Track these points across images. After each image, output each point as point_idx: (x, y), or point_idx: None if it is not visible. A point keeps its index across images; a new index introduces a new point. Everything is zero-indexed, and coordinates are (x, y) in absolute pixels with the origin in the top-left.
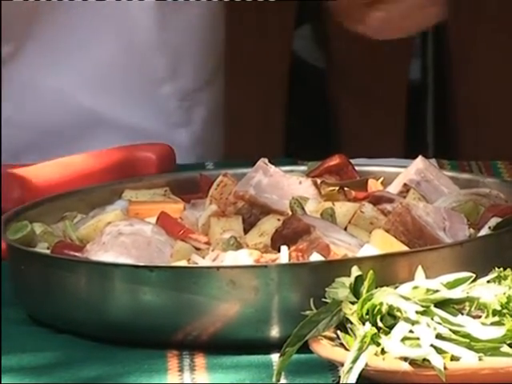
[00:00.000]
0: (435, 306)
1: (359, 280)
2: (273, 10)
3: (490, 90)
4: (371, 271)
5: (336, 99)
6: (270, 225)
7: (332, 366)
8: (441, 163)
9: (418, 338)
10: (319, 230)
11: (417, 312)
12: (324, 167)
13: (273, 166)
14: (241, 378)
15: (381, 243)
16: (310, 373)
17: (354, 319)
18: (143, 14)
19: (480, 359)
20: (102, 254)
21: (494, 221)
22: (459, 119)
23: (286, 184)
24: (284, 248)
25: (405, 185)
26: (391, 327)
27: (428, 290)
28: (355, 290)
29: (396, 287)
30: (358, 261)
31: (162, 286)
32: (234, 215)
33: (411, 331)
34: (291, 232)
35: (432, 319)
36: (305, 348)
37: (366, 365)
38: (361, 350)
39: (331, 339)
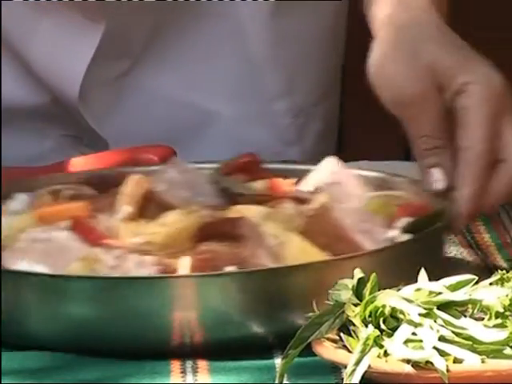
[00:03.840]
0: (438, 308)
1: (362, 282)
2: None
3: None
4: (374, 273)
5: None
6: (171, 217)
7: (335, 368)
8: None
9: (420, 341)
10: (250, 241)
11: (420, 314)
12: (234, 165)
13: (186, 163)
14: (243, 380)
15: (297, 251)
16: (313, 375)
17: (357, 321)
18: (259, 29)
19: (483, 361)
20: (18, 261)
21: (404, 221)
22: None
23: (197, 182)
24: (185, 259)
25: (316, 188)
26: (394, 329)
27: (431, 293)
28: (358, 292)
29: (399, 289)
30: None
31: (78, 295)
32: (143, 219)
33: (414, 333)
34: (220, 231)
35: (435, 321)
36: (308, 350)
37: (369, 367)
38: (364, 352)
39: (334, 341)
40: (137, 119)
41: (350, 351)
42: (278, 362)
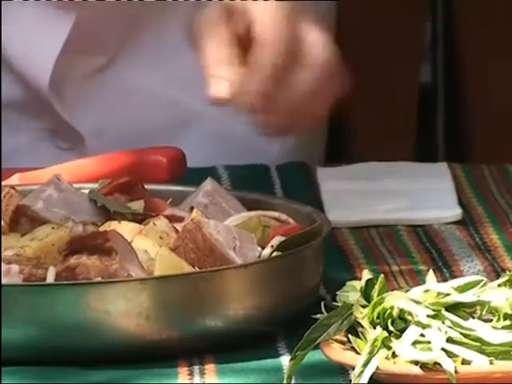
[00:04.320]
0: (446, 309)
1: (370, 283)
2: None
3: (501, 92)
4: (382, 275)
5: (347, 101)
6: (43, 231)
7: (343, 370)
8: (452, 167)
9: (429, 342)
10: (120, 255)
11: (428, 316)
12: (114, 185)
13: (65, 182)
14: (250, 381)
15: (167, 266)
16: (321, 376)
17: (365, 323)
18: None
19: (491, 363)
20: None
21: (276, 240)
22: (470, 122)
23: (75, 200)
24: (52, 268)
25: (191, 208)
26: (402, 331)
27: (439, 294)
28: (366, 293)
29: (407, 291)
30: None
31: None
32: (13, 233)
33: (422, 335)
34: (90, 244)
35: (443, 323)
36: (316, 351)
37: (377, 368)
38: (372, 354)
39: (342, 343)
40: (114, 115)
41: (357, 353)
42: (285, 363)
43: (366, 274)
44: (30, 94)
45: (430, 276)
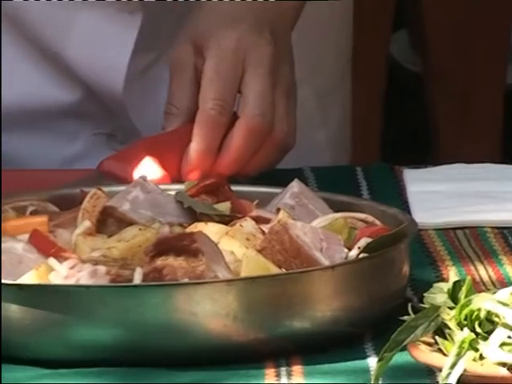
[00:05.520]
0: None
1: (457, 285)
2: (370, 15)
3: None
4: (469, 277)
5: (433, 103)
6: (129, 232)
7: (430, 372)
8: None
9: None
10: (207, 257)
11: None
12: (200, 186)
13: (151, 183)
14: (338, 382)
15: (253, 267)
16: (408, 378)
17: (452, 324)
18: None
19: None
20: None
21: (363, 241)
22: None
23: (162, 202)
24: (138, 270)
25: (278, 209)
26: (489, 333)
27: None
28: (453, 295)
29: (494, 293)
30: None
31: (31, 305)
32: (99, 234)
33: (509, 337)
34: (177, 246)
35: None
36: (403, 353)
37: (465, 370)
38: (459, 356)
39: (429, 344)
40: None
41: (445, 354)
42: (372, 364)
43: (453, 276)
44: (92, 100)
45: None
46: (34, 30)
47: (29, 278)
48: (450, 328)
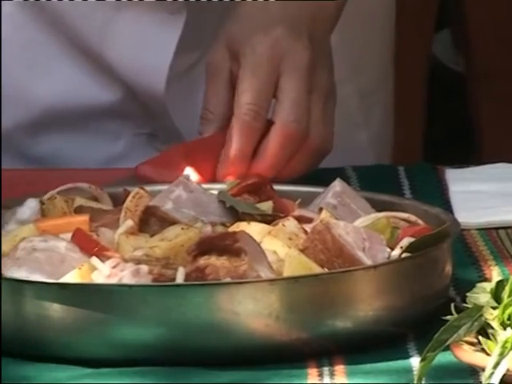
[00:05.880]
0: None
1: (500, 285)
2: (413, 15)
3: None
4: None
5: (476, 103)
6: (172, 232)
7: (473, 371)
8: None
9: None
10: (249, 256)
11: None
12: (242, 186)
13: (194, 183)
14: (380, 382)
15: (296, 267)
16: (451, 378)
17: (496, 324)
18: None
19: None
20: (16, 269)
21: (406, 241)
22: None
23: (205, 201)
24: (181, 269)
25: (320, 208)
26: None
27: None
28: (496, 295)
29: None
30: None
31: (73, 304)
32: (142, 233)
33: None
34: (220, 245)
35: None
36: (446, 352)
37: (508, 370)
38: (502, 355)
39: (472, 344)
40: None
41: (488, 354)
42: (415, 364)
43: (496, 276)
44: (134, 100)
45: None
46: (75, 30)
47: (71, 277)
48: (492, 328)
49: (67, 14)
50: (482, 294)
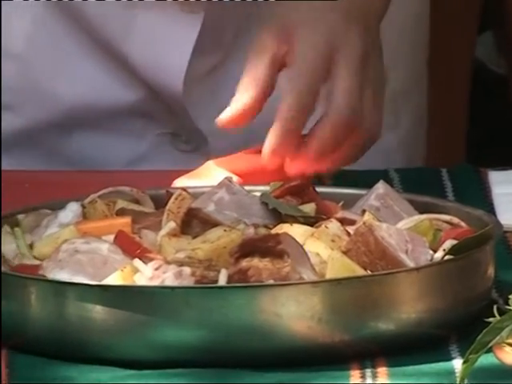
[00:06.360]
0: None
1: None
2: (455, 17)
3: None
4: None
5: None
6: (214, 234)
7: None
8: None
9: None
10: (292, 258)
11: None
12: (285, 188)
13: (237, 185)
14: None
15: (339, 269)
16: (494, 379)
17: None
18: None
19: None
20: (58, 271)
21: (448, 243)
22: None
23: (247, 203)
24: (224, 271)
25: (363, 210)
26: None
27: None
28: None
29: None
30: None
31: (115, 306)
32: (184, 235)
33: None
34: (262, 247)
35: None
36: (488, 355)
37: None
38: None
39: None
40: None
41: None
42: (457, 366)
43: None
44: (156, 100)
45: None
46: (96, 29)
47: (114, 279)
48: None
49: (90, 14)
50: None
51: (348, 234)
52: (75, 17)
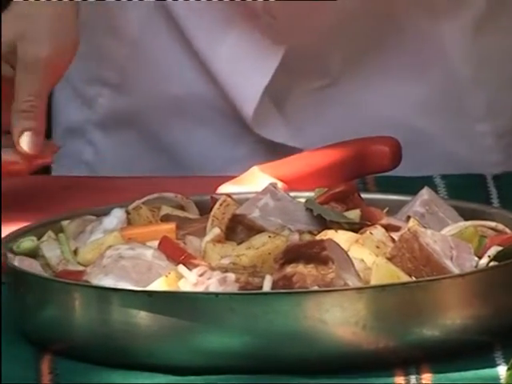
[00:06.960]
0: None
1: None
2: None
3: None
4: None
5: None
6: (259, 240)
7: None
8: None
9: None
10: (337, 264)
11: None
12: (330, 194)
13: (281, 191)
14: None
15: (383, 275)
16: None
17: None
18: (461, 47)
19: None
20: (102, 277)
21: (493, 250)
22: None
23: (292, 209)
24: (268, 277)
25: (408, 217)
26: None
27: None
28: None
29: None
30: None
31: (160, 312)
32: (229, 241)
33: None
34: (307, 253)
35: None
36: None
37: None
38: None
39: None
40: (334, 132)
41: None
42: (502, 372)
43: None
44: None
45: None
46: (191, 37)
47: (158, 285)
48: None
49: (188, 22)
50: None
51: (393, 240)
52: (177, 25)
